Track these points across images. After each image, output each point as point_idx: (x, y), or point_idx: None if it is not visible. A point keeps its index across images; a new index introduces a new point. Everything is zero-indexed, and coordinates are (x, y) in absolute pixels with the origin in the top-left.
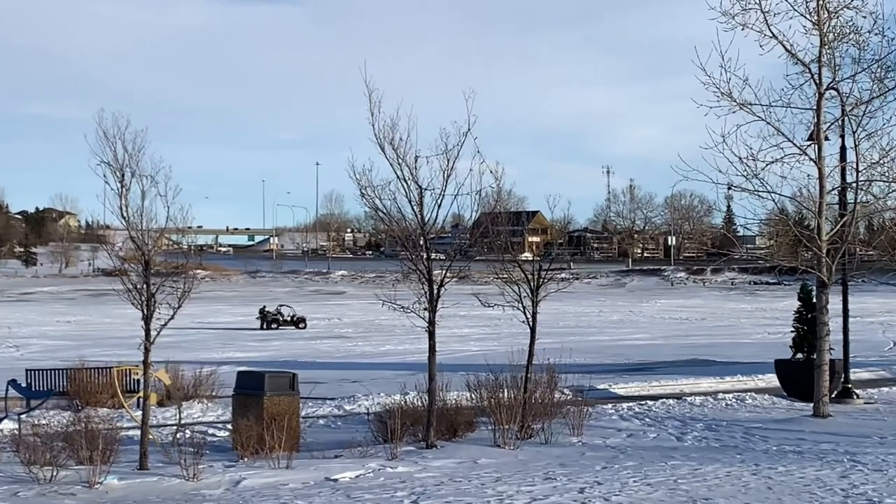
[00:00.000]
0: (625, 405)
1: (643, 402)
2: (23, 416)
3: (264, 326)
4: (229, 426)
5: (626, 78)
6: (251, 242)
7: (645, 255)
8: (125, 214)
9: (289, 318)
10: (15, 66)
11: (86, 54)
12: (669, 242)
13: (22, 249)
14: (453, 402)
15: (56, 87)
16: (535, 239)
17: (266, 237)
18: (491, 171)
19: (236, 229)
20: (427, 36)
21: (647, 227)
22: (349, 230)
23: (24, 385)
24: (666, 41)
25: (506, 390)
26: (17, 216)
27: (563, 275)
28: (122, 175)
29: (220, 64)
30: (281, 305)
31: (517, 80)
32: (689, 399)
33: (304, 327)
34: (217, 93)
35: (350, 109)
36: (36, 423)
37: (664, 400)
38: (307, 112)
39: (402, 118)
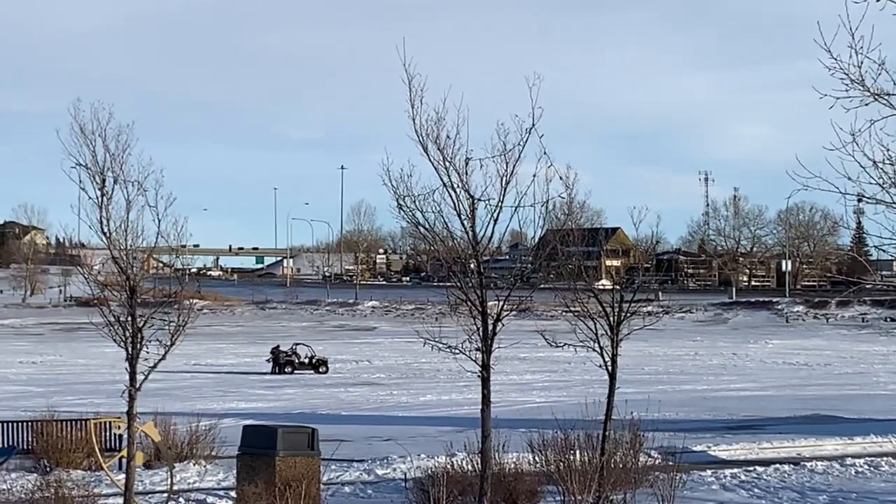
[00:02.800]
0: (728, 472)
1: (751, 469)
2: None
3: (276, 370)
4: (233, 494)
5: (729, 63)
6: (260, 265)
7: (752, 283)
8: (106, 229)
9: (306, 361)
10: None
11: (56, 34)
12: (783, 268)
13: None
14: (512, 466)
15: (17, 73)
16: (615, 263)
17: (278, 259)
18: (561, 178)
19: (241, 249)
20: (477, 10)
21: (755, 249)
22: (381, 251)
23: None
24: (780, 17)
25: (578, 452)
26: None
27: (649, 307)
28: (103, 180)
29: (221, 46)
30: (297, 344)
31: (590, 66)
32: (808, 465)
33: (326, 371)
34: (217, 81)
35: (384, 100)
36: None
37: (777, 466)
38: (329, 104)
39: (450, 110)
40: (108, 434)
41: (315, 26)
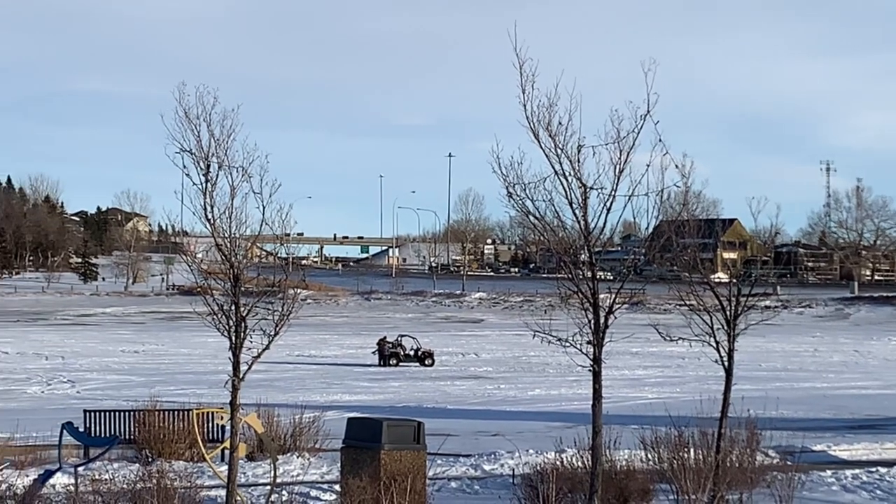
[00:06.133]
0: (849, 472)
1: (873, 470)
2: (80, 469)
3: (382, 362)
4: (337, 487)
5: (852, 49)
6: (365, 255)
7: (876, 277)
8: (210, 216)
9: (412, 353)
10: (68, 32)
11: (158, 19)
12: None
13: (80, 260)
14: (623, 463)
15: (122, 57)
16: (732, 255)
17: (384, 248)
18: (676, 167)
19: (346, 238)
20: None
21: (879, 242)
22: (489, 241)
23: (81, 430)
24: None
25: (692, 450)
26: (74, 218)
27: (767, 302)
28: (208, 166)
29: (326, 31)
30: (402, 336)
31: (708, 51)
32: None
33: (432, 364)
34: (324, 67)
35: (494, 86)
36: (96, 477)
37: None
38: (437, 91)
39: (562, 96)
40: (210, 425)
41: (423, 11)
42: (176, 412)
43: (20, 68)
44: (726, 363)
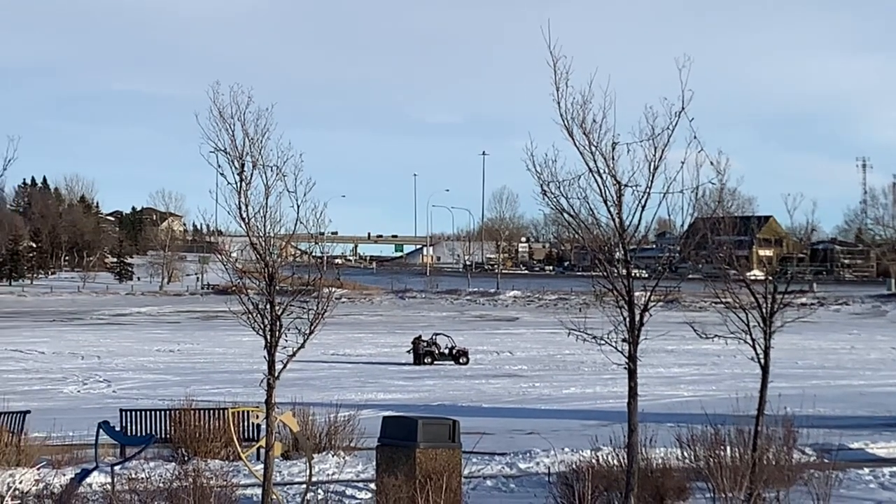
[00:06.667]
0: (886, 470)
1: None
2: (116, 468)
3: (416, 361)
4: (372, 486)
5: (889, 44)
6: (399, 254)
7: None
8: (244, 215)
9: (446, 351)
10: (103, 32)
11: (196, 17)
12: None
13: (115, 260)
14: (659, 461)
15: (157, 56)
16: (767, 252)
17: (418, 247)
18: (711, 164)
19: (380, 237)
20: None
21: None
22: (524, 238)
23: (117, 429)
24: None
25: (728, 448)
26: (109, 218)
27: (803, 299)
28: (242, 165)
29: (360, 30)
30: (436, 334)
31: (740, 47)
32: None
33: (466, 363)
34: (355, 65)
35: (527, 83)
36: (133, 476)
37: None
38: (470, 88)
39: (596, 93)
40: (245, 423)
41: (457, 7)
42: (211, 411)
43: (56, 69)
44: (763, 360)
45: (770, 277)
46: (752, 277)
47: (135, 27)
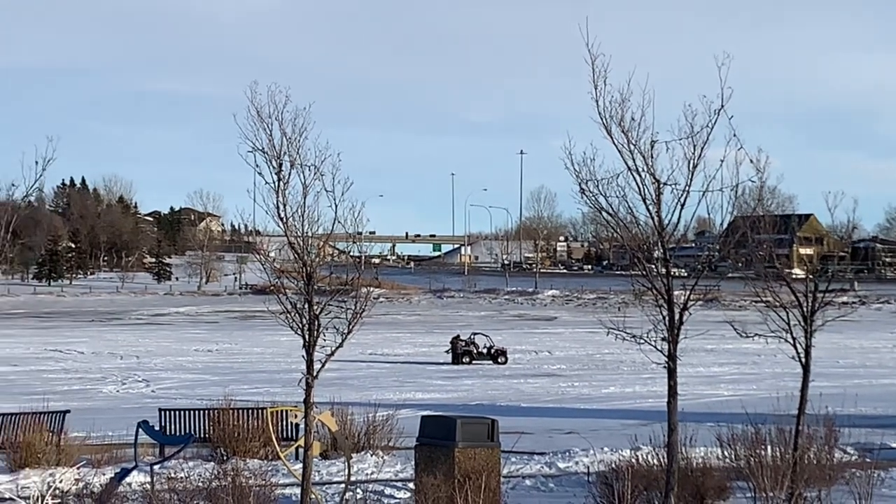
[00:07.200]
0: None
1: None
2: (156, 467)
3: (455, 361)
4: (411, 485)
5: None
6: (437, 253)
7: None
8: (282, 215)
9: (484, 351)
10: (138, 33)
11: (228, 18)
12: None
13: (153, 260)
14: (700, 460)
15: (195, 57)
16: (808, 251)
17: (456, 247)
18: (751, 161)
19: (418, 236)
20: None
21: None
22: (562, 238)
23: (157, 428)
24: None
25: (769, 447)
26: (147, 218)
27: (844, 298)
28: (280, 165)
29: (397, 29)
30: (475, 334)
31: (781, 44)
32: None
33: (505, 362)
34: (393, 65)
35: (565, 82)
36: (172, 475)
37: None
38: (507, 87)
39: (635, 91)
40: (284, 423)
41: (494, 6)
42: (250, 411)
43: (93, 69)
44: (803, 359)
45: (811, 276)
46: (793, 276)
47: (173, 28)
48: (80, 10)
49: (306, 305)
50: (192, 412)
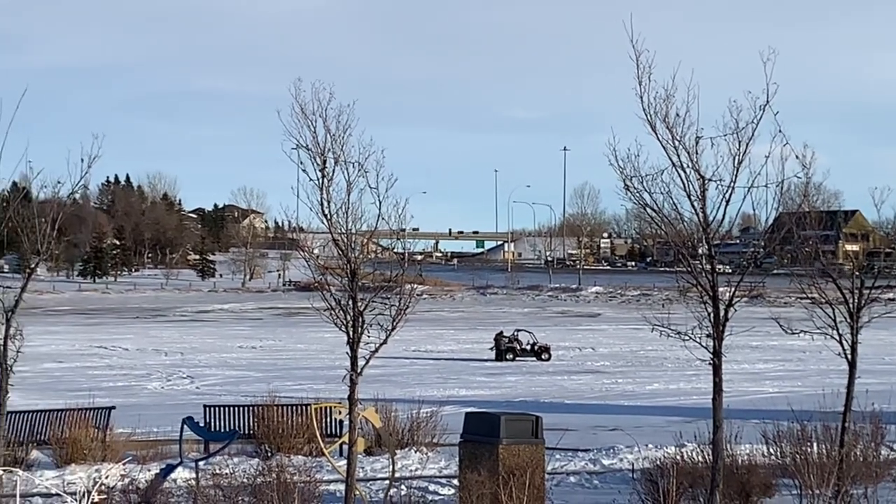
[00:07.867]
0: None
1: None
2: (201, 463)
3: (498, 357)
4: (455, 482)
5: None
6: (480, 250)
7: None
8: (326, 212)
9: (528, 347)
10: (183, 31)
11: (278, 15)
12: None
13: (197, 257)
14: (745, 457)
15: (240, 55)
16: (854, 247)
17: (499, 243)
18: (797, 157)
19: (461, 233)
20: None
21: None
22: (606, 234)
23: (202, 425)
24: None
25: (815, 444)
26: (191, 215)
27: (890, 294)
28: (324, 162)
29: (440, 26)
30: (518, 330)
31: (824, 40)
32: None
33: (548, 358)
34: (437, 62)
35: (609, 78)
36: (217, 471)
37: None
38: (551, 83)
39: (679, 87)
40: (328, 419)
41: (537, 4)
42: (294, 407)
43: (137, 67)
44: (849, 356)
45: (857, 272)
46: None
47: (217, 26)
48: (126, 10)
49: (350, 302)
50: (236, 408)
